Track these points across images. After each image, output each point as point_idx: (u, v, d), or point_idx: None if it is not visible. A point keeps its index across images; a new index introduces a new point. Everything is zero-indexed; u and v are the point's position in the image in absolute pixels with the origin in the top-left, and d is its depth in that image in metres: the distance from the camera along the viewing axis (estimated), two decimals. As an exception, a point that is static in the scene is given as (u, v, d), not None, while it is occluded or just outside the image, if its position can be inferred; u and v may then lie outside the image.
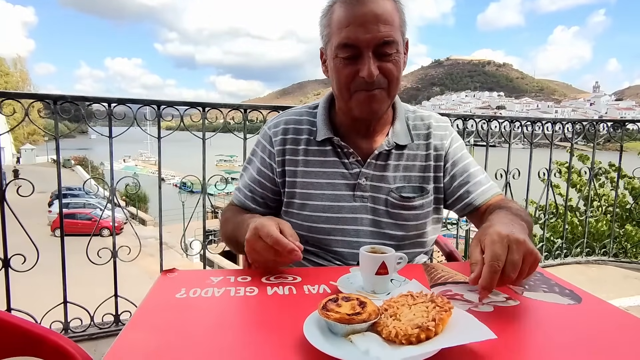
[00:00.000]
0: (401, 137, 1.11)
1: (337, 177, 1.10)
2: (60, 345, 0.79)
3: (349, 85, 1.01)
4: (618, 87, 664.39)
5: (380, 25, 0.95)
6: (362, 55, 0.96)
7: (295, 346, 0.60)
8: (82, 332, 2.17)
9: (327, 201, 1.09)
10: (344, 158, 1.10)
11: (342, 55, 0.98)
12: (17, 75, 68.37)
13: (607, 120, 3.57)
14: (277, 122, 1.16)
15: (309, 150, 1.12)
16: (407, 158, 1.12)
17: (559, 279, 0.90)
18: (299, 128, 1.14)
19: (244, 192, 1.19)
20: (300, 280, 0.88)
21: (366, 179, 1.09)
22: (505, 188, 3.10)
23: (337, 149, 1.10)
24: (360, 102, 1.01)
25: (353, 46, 0.96)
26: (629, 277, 3.26)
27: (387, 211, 1.10)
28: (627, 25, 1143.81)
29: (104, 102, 2.08)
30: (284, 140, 1.13)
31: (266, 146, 1.16)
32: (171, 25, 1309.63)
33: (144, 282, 3.33)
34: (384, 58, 0.98)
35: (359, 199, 1.10)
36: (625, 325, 0.71)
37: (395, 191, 1.10)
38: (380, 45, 0.96)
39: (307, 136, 1.13)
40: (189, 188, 15.74)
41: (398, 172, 1.11)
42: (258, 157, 1.17)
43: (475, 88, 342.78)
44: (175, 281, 0.87)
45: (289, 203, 1.13)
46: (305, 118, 1.15)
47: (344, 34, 0.96)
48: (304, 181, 1.11)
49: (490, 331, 0.57)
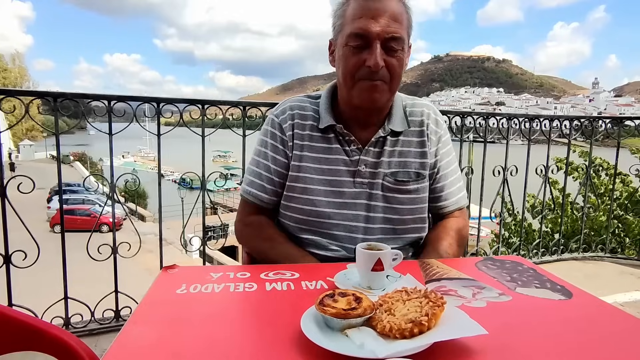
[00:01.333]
0: (397, 124, 1.16)
1: (339, 164, 1.14)
2: (63, 340, 0.81)
3: (354, 73, 1.06)
4: (617, 83, 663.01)
5: (391, 22, 1.02)
6: (371, 46, 1.02)
7: (293, 340, 0.62)
8: (82, 328, 2.19)
9: (329, 186, 1.13)
10: (345, 146, 1.15)
11: (352, 44, 1.04)
12: (16, 70, 68.04)
13: (605, 117, 3.58)
14: (283, 109, 1.19)
15: (313, 136, 1.16)
16: (402, 144, 1.17)
17: (551, 275, 0.92)
18: (304, 114, 1.18)
19: (261, 186, 1.19)
20: (298, 276, 0.90)
21: (365, 166, 1.14)
22: (502, 185, 3.12)
23: (339, 136, 1.15)
24: (362, 90, 1.06)
25: (363, 36, 1.02)
26: (625, 273, 3.28)
27: (384, 195, 1.14)
28: (627, 22, 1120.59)
29: (104, 99, 2.09)
30: (292, 126, 1.17)
31: (276, 134, 1.18)
32: (170, 20, 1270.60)
33: (143, 278, 3.35)
34: (390, 53, 1.04)
35: (359, 185, 1.14)
36: (613, 319, 0.73)
37: (390, 176, 1.14)
38: (388, 39, 1.02)
39: (311, 122, 1.17)
40: (188, 184, 15.73)
41: (393, 158, 1.16)
42: (270, 146, 1.18)
43: (475, 84, 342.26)
44: (176, 277, 0.89)
45: (291, 187, 1.16)
46: (308, 105, 1.19)
47: (356, 24, 1.03)
48: (308, 166, 1.14)
49: (481, 327, 0.59)
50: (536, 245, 3.50)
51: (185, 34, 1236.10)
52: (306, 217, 1.14)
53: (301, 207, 1.14)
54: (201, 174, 2.38)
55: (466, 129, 2.94)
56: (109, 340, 2.14)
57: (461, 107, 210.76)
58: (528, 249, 3.51)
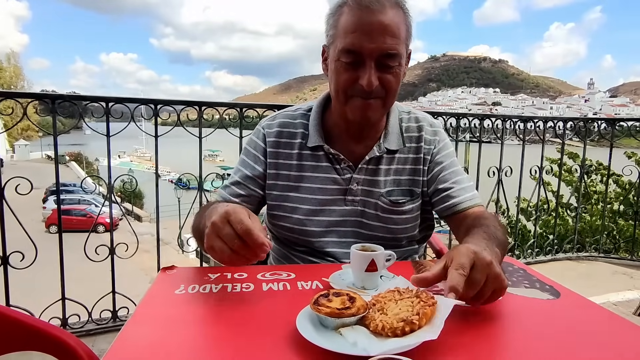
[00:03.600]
0: (392, 142, 1.12)
1: (328, 183, 1.11)
2: (63, 340, 0.82)
3: (347, 90, 1.01)
4: (613, 83, 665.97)
5: (387, 37, 0.95)
6: (364, 64, 0.96)
7: (289, 339, 0.64)
8: (80, 328, 2.20)
9: (319, 205, 1.11)
10: (335, 164, 1.12)
11: (345, 60, 0.98)
12: (11, 70, 67.62)
13: (599, 119, 3.62)
14: (271, 124, 1.17)
15: (302, 154, 1.13)
16: (397, 162, 1.13)
17: (541, 275, 0.95)
18: (293, 132, 1.14)
19: (232, 189, 1.15)
20: (294, 276, 0.92)
21: (357, 184, 1.11)
22: (497, 185, 3.16)
23: (328, 155, 1.11)
24: (355, 108, 1.02)
25: (356, 53, 0.96)
26: (617, 273, 3.32)
27: (377, 215, 1.12)
28: (623, 23, 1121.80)
29: (101, 101, 2.11)
30: (277, 143, 1.14)
31: (258, 143, 1.16)
32: (167, 20, 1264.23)
33: (140, 278, 3.33)
34: (385, 69, 0.98)
35: (350, 203, 1.12)
36: (599, 318, 0.76)
37: (386, 195, 1.11)
38: (383, 57, 0.96)
39: (300, 140, 1.13)
40: (185, 185, 15.70)
41: (389, 177, 1.12)
42: (251, 155, 1.16)
43: (472, 84, 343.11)
44: (175, 278, 0.91)
45: (279, 206, 1.13)
46: (299, 121, 1.16)
47: (349, 39, 0.96)
48: (296, 185, 1.12)
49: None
50: (530, 246, 3.53)
51: (182, 34, 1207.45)
52: (297, 236, 1.12)
53: (291, 227, 1.12)
54: (198, 175, 2.40)
55: (462, 129, 2.98)
56: (107, 341, 2.16)
57: (458, 107, 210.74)
58: (522, 249, 3.55)
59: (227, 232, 0.75)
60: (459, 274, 0.67)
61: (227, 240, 0.75)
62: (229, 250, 0.76)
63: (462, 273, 0.67)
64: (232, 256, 0.76)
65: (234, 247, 0.75)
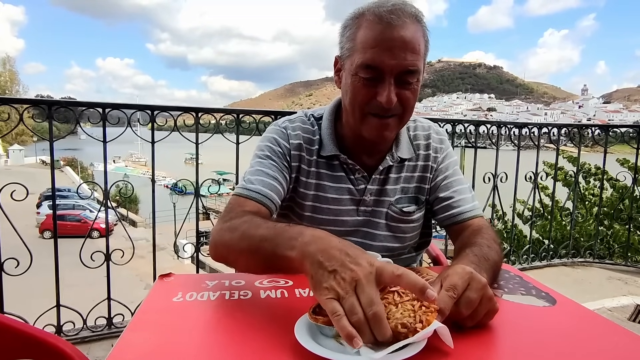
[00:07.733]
0: (405, 151, 1.12)
1: (344, 193, 1.10)
2: (58, 347, 0.82)
3: (363, 107, 0.97)
4: (606, 90, 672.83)
5: (408, 53, 0.91)
6: (384, 80, 0.93)
7: (287, 347, 0.64)
8: (75, 336, 2.19)
9: (332, 215, 1.10)
10: (350, 174, 1.10)
11: (363, 75, 0.94)
12: (6, 74, 67.38)
13: (592, 125, 3.65)
14: (294, 126, 1.11)
15: (320, 162, 1.10)
16: (407, 170, 1.13)
17: (537, 282, 0.96)
18: (312, 138, 1.11)
19: (269, 184, 1.02)
20: (292, 284, 0.92)
21: (370, 195, 1.10)
22: (492, 191, 3.18)
23: (343, 165, 1.10)
24: (371, 127, 0.99)
25: (376, 69, 0.93)
26: (612, 279, 3.34)
27: (387, 224, 1.11)
28: (616, 29, 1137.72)
29: (98, 107, 2.10)
30: (300, 147, 1.09)
31: (283, 143, 1.08)
32: (164, 25, 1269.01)
33: (135, 284, 3.31)
34: (404, 86, 0.95)
35: (362, 214, 1.11)
36: (595, 325, 0.76)
37: (395, 203, 1.11)
38: (403, 73, 0.93)
39: (317, 147, 1.10)
40: (181, 190, 15.66)
41: (398, 185, 1.12)
42: (278, 154, 1.07)
43: (467, 90, 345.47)
44: (172, 285, 0.90)
45: (292, 211, 1.12)
46: (309, 128, 1.12)
47: (369, 54, 0.92)
48: (314, 194, 1.10)
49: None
50: (526, 251, 3.55)
51: (179, 39, 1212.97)
52: None
53: None
54: (195, 181, 2.40)
55: (457, 135, 3.00)
56: (102, 348, 2.14)
57: (453, 113, 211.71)
58: (518, 254, 3.56)
59: (351, 303, 0.61)
60: (448, 296, 0.67)
61: (347, 311, 0.61)
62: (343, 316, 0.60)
63: (452, 295, 0.67)
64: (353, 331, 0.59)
65: (352, 321, 0.60)
